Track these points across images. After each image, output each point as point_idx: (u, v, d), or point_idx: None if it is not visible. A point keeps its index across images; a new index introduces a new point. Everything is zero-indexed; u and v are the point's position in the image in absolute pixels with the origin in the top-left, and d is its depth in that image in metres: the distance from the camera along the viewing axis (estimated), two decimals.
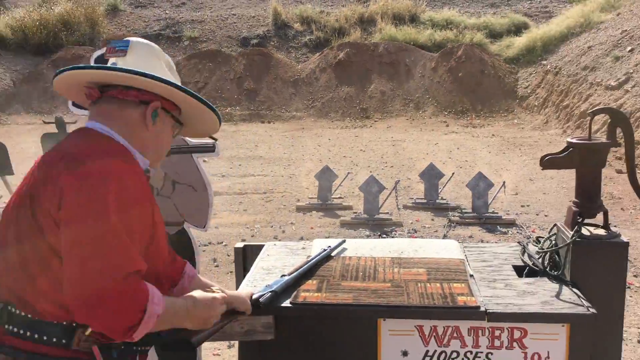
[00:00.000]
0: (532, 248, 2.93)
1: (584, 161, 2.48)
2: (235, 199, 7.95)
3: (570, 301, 2.31)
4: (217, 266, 5.50)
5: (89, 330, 1.42)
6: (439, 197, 7.48)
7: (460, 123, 14.72)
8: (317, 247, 2.65)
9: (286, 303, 2.10)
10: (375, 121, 15.10)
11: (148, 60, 1.66)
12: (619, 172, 8.99)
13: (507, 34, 18.45)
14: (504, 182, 7.19)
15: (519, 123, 14.55)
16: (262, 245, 2.64)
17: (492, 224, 6.55)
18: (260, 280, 2.25)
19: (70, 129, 7.14)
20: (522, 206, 7.35)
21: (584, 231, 2.54)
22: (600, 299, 2.44)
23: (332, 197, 7.52)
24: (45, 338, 1.42)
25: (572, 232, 2.47)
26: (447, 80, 16.31)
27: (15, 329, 1.45)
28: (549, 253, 2.67)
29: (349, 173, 7.96)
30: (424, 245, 2.98)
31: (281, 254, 2.66)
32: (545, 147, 11.19)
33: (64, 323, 1.43)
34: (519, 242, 2.98)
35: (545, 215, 6.89)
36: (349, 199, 7.60)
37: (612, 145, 2.48)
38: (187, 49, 17.83)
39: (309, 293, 2.20)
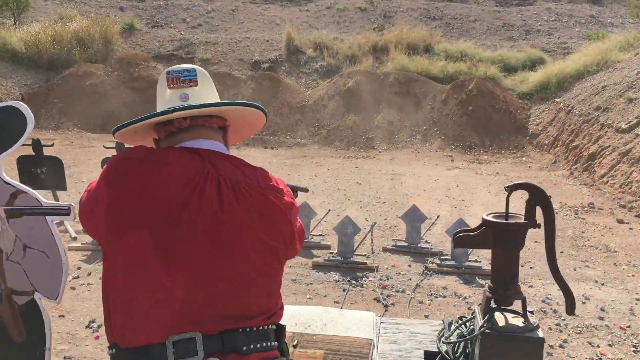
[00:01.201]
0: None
1: (498, 242, 2.20)
2: None
3: None
4: None
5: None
6: (424, 241, 7.18)
7: (466, 158, 14.38)
8: None
9: None
10: (380, 152, 14.84)
11: (211, 85, 1.74)
12: (620, 222, 8.58)
13: (522, 68, 18.12)
14: None
15: (527, 161, 14.16)
16: None
17: (471, 274, 6.21)
18: None
19: None
20: None
21: (500, 319, 2.25)
22: None
23: (312, 234, 7.26)
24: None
25: (482, 321, 2.19)
26: (456, 113, 16.02)
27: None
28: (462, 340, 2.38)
29: (329, 210, 7.69)
30: (336, 319, 2.71)
31: None
32: (548, 190, 10.70)
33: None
34: (442, 321, 2.69)
35: (531, 268, 6.53)
36: (330, 237, 7.32)
37: (530, 226, 2.20)
38: None
39: None
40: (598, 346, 4.65)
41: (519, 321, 2.22)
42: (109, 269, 1.49)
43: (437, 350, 2.41)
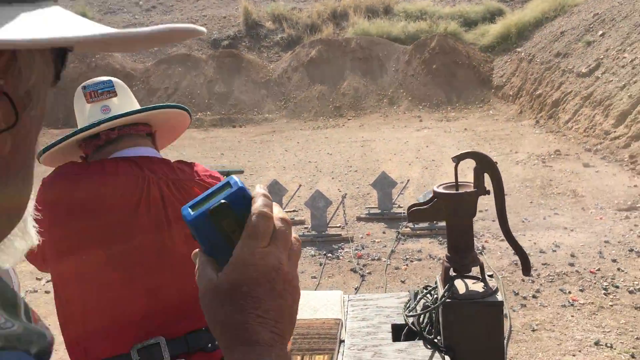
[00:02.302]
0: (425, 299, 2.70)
1: (451, 212, 2.24)
2: None
3: None
4: None
5: None
6: (396, 206, 7.24)
7: (435, 117, 14.46)
8: None
9: None
10: (349, 119, 14.84)
11: (129, 94, 1.74)
12: (586, 165, 8.73)
13: (482, 21, 18.14)
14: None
15: (494, 114, 14.29)
16: None
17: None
18: None
19: None
20: (480, 211, 7.08)
21: (461, 286, 2.30)
22: None
23: (285, 210, 7.28)
24: None
25: (443, 290, 2.24)
26: (421, 73, 16.04)
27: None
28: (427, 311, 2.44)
29: (300, 186, 7.71)
30: (304, 301, 2.75)
31: None
32: (515, 141, 10.95)
33: None
34: (409, 291, 2.74)
35: None
36: (304, 213, 7.34)
37: (480, 194, 2.24)
38: (157, 53, 17.51)
39: None
40: (570, 292, 4.78)
41: (479, 286, 2.27)
42: (64, 289, 1.49)
43: (404, 322, 2.46)
